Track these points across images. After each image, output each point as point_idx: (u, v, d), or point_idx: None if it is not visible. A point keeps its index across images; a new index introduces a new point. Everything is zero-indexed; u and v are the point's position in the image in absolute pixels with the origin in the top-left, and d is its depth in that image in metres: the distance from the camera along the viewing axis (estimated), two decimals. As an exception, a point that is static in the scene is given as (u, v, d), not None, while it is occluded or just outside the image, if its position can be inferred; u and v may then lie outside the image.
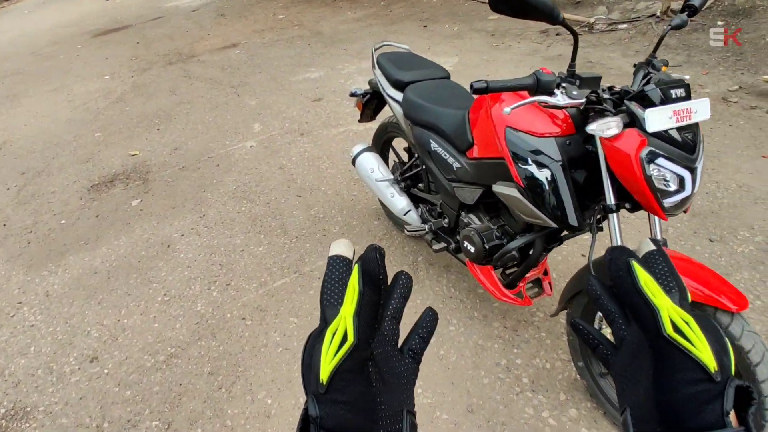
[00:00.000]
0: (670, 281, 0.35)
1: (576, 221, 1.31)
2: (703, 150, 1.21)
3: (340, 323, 0.32)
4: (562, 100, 1.22)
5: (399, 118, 2.03)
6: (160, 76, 5.61)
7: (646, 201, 1.20)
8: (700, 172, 1.20)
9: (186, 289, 2.39)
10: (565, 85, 1.23)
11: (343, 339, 0.31)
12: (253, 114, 4.26)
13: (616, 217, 1.27)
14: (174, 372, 1.96)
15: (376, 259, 0.34)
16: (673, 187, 1.17)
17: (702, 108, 1.15)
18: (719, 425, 0.30)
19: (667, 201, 1.18)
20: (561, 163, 1.30)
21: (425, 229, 1.97)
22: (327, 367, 0.31)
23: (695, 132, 1.19)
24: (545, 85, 1.21)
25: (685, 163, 1.16)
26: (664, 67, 1.29)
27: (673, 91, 1.14)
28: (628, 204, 1.28)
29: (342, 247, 0.37)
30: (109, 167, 3.71)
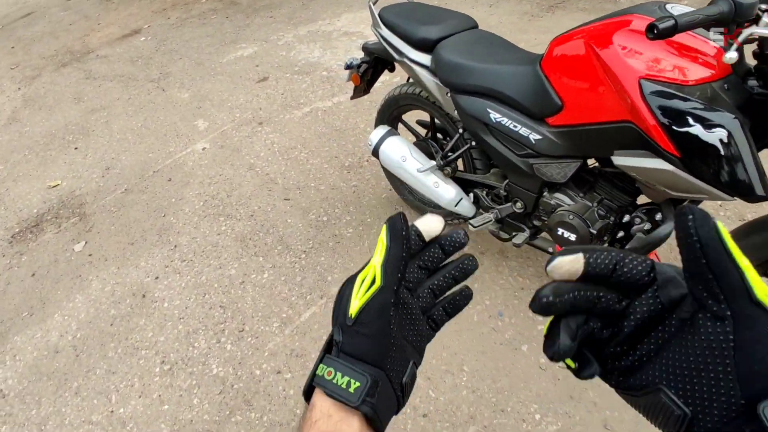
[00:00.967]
0: None
1: (764, 189, 1.00)
2: None
3: (370, 270, 0.37)
4: None
5: (430, 86, 1.60)
6: (55, 82, 4.61)
7: None
8: None
9: (188, 348, 1.88)
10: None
11: (372, 283, 0.36)
12: (191, 109, 3.58)
13: None
14: (214, 466, 1.51)
15: (401, 220, 0.38)
16: None
17: None
18: None
19: None
20: (736, 117, 0.97)
21: (492, 219, 1.61)
22: (356, 303, 0.36)
23: None
24: (745, 10, 0.85)
25: None
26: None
27: None
28: None
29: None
30: (28, 207, 2.94)
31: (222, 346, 1.86)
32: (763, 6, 0.94)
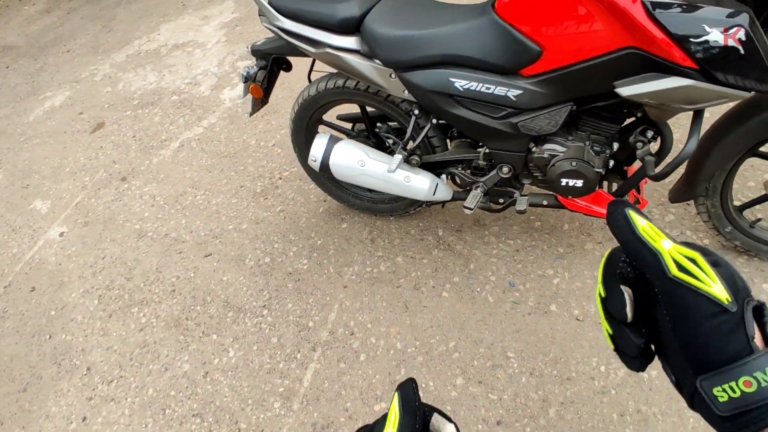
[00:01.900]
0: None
1: None
2: None
3: None
4: None
5: (366, 72, 1.35)
6: None
7: None
8: None
9: (180, 487, 1.44)
10: None
11: None
12: (15, 192, 2.75)
13: None
14: None
15: (412, 388, 0.38)
16: None
17: None
18: (747, 351, 0.30)
19: None
20: (746, 11, 0.94)
21: (481, 195, 1.46)
22: None
23: None
24: None
25: None
26: None
27: None
28: None
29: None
30: None
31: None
32: None
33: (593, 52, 1.08)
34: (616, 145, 1.32)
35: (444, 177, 1.55)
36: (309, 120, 1.69)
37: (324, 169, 1.50)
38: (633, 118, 1.28)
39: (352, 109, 1.73)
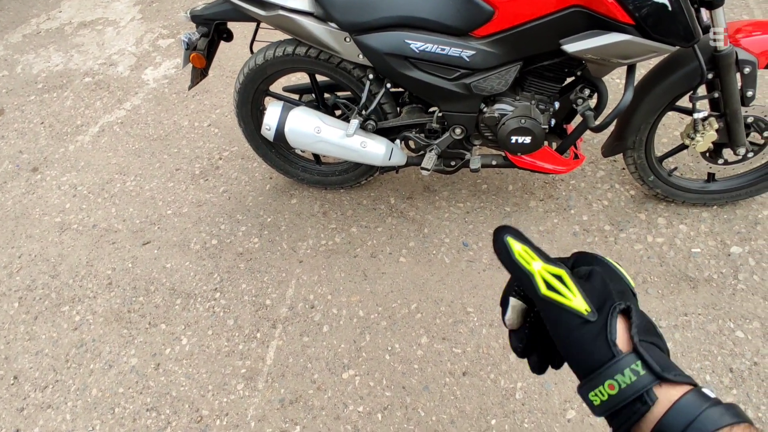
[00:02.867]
0: None
1: (698, 33, 1.12)
2: None
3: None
4: None
5: (320, 36, 1.31)
6: None
7: None
8: None
9: (141, 484, 1.35)
10: None
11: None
12: None
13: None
14: None
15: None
16: None
17: None
18: (609, 356, 0.32)
19: None
20: None
21: (435, 157, 1.49)
22: None
23: None
24: None
25: None
26: None
27: None
28: None
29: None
30: None
31: (188, 452, 1.39)
32: None
33: (542, 11, 1.14)
34: (557, 104, 1.41)
35: (398, 142, 1.56)
36: (255, 91, 1.62)
37: (279, 137, 1.45)
38: (573, 78, 1.37)
39: (298, 82, 1.68)
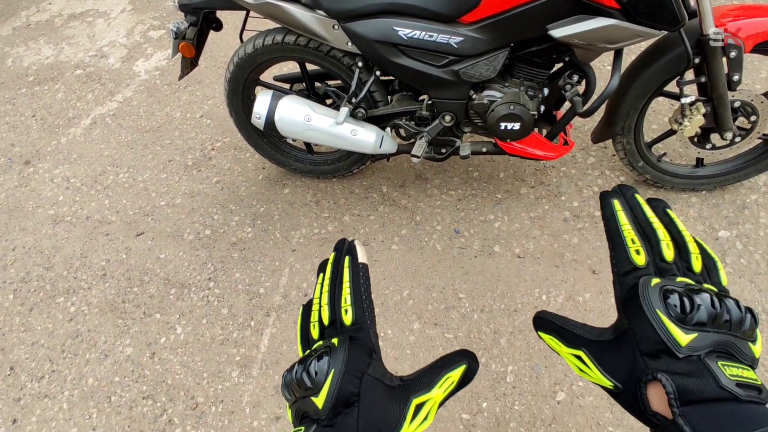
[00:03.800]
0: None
1: (684, 17, 1.13)
2: None
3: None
4: None
5: (309, 23, 1.31)
6: None
7: None
8: None
9: (138, 470, 1.36)
10: None
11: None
12: None
13: None
14: None
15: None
16: None
17: None
18: (651, 425, 0.32)
19: None
20: None
21: (426, 144, 1.49)
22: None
23: None
24: None
25: None
26: None
27: None
28: None
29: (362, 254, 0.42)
30: None
31: (184, 438, 1.41)
32: None
33: None
34: (546, 91, 1.41)
35: (388, 130, 1.57)
36: (245, 81, 1.62)
37: (269, 126, 1.45)
38: (561, 64, 1.37)
39: (288, 71, 1.68)
